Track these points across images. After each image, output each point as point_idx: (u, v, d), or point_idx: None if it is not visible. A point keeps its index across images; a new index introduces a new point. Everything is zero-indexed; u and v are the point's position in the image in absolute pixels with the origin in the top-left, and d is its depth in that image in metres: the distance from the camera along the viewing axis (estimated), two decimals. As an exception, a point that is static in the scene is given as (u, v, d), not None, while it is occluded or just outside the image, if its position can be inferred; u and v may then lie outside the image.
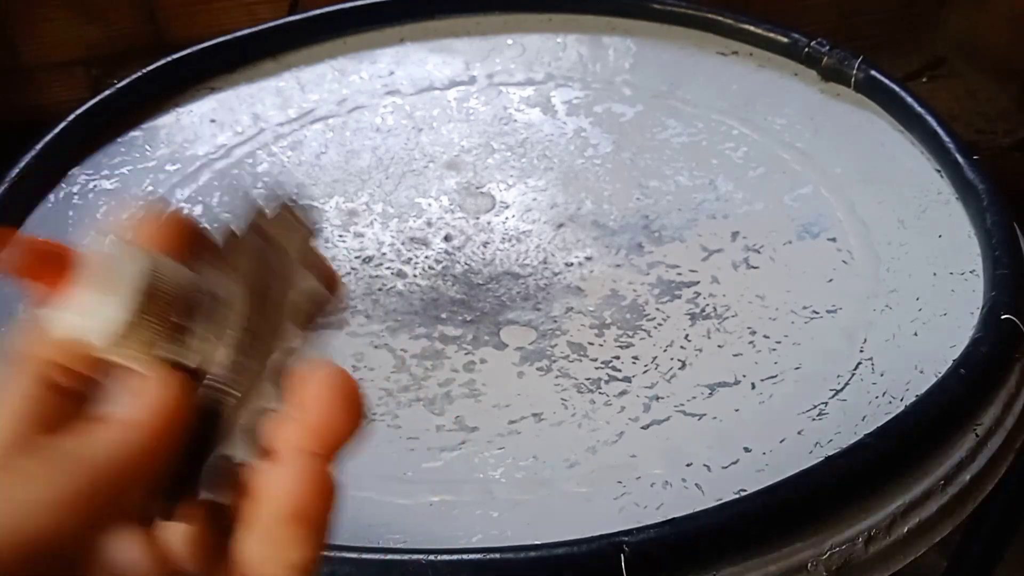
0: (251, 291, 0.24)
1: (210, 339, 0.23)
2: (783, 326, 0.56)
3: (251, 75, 0.78)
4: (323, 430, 0.22)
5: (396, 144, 0.72)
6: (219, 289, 0.24)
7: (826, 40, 0.75)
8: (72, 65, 1.00)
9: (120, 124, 0.73)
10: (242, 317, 0.23)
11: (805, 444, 0.48)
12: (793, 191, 0.66)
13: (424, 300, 0.59)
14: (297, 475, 0.21)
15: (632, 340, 0.55)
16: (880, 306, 0.57)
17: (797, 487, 0.43)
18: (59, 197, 0.66)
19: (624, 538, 0.40)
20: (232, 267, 0.24)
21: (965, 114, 1.14)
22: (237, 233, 0.25)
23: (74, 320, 0.22)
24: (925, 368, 0.52)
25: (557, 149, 0.72)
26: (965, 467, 0.46)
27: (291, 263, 0.25)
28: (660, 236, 0.63)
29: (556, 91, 0.77)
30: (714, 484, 0.46)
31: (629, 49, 0.81)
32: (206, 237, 0.25)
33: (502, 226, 0.65)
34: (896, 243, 0.61)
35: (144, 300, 0.22)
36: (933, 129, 0.65)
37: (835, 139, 0.70)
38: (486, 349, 0.55)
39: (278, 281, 0.24)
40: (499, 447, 0.49)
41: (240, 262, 0.24)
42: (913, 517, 0.44)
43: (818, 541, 0.42)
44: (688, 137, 0.72)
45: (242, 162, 0.70)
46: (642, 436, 0.49)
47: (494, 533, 0.44)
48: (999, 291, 0.52)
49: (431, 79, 0.79)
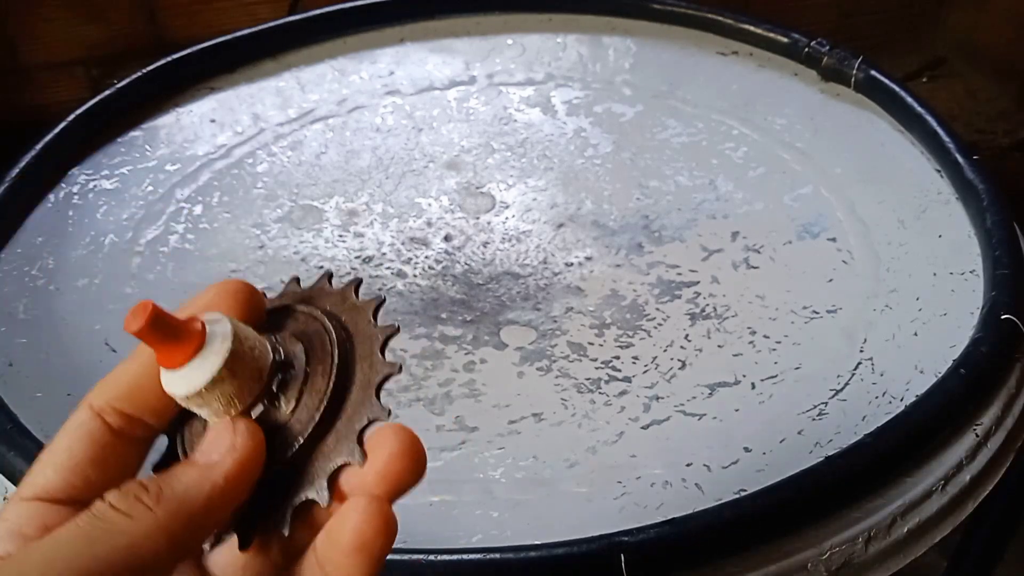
0: (320, 358, 0.27)
1: (285, 398, 0.26)
2: (783, 326, 0.56)
3: (251, 75, 0.78)
4: (389, 478, 0.25)
5: (396, 144, 0.72)
6: (292, 355, 0.27)
7: (826, 40, 0.75)
8: (72, 65, 1.00)
9: (120, 124, 0.73)
10: (318, 381, 0.26)
11: (805, 444, 0.48)
12: (793, 191, 0.66)
13: (424, 300, 0.59)
14: (364, 513, 0.25)
15: (632, 340, 0.55)
16: (880, 306, 0.57)
17: (797, 487, 0.43)
18: (59, 197, 0.66)
19: (624, 538, 0.40)
20: (306, 336, 0.27)
21: (965, 114, 1.14)
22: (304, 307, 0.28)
23: (173, 378, 0.25)
24: (925, 368, 0.52)
25: (557, 149, 0.72)
26: (965, 467, 0.46)
27: (363, 336, 0.27)
28: (660, 236, 0.63)
29: (556, 91, 0.77)
30: (714, 484, 0.46)
31: (629, 49, 0.81)
32: (281, 310, 0.28)
33: (502, 226, 0.65)
34: (896, 243, 0.61)
35: (230, 362, 0.25)
36: (933, 129, 0.65)
37: (835, 139, 0.70)
38: (486, 349, 0.55)
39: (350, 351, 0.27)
40: (499, 447, 0.49)
41: (313, 331, 0.27)
42: (913, 517, 0.44)
43: (818, 541, 0.42)
44: (688, 137, 0.72)
45: (242, 162, 0.71)
46: (642, 436, 0.49)
47: (494, 533, 0.44)
48: (999, 291, 0.52)
49: (431, 79, 0.79)
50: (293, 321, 0.28)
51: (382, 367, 0.26)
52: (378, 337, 0.27)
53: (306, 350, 0.27)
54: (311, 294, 0.29)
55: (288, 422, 0.26)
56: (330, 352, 0.27)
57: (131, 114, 0.73)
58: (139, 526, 0.23)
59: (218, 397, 0.25)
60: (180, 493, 0.24)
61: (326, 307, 0.28)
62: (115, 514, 0.23)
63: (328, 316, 0.28)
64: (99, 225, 0.64)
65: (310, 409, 0.26)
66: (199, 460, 0.25)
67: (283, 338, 0.27)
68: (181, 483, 0.24)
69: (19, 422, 0.47)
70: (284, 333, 0.28)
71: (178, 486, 0.24)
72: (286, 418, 0.26)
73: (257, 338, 0.26)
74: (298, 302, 0.28)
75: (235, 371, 0.25)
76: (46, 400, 0.51)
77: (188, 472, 0.25)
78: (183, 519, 0.24)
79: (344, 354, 0.27)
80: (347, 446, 0.26)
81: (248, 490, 0.25)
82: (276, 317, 0.28)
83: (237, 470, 0.25)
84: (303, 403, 0.26)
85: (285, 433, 0.26)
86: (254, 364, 0.26)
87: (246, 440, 0.25)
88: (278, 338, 0.27)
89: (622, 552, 0.40)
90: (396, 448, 0.25)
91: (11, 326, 0.56)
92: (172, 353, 0.25)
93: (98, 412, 0.26)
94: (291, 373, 0.27)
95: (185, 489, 0.24)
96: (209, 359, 0.25)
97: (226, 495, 0.25)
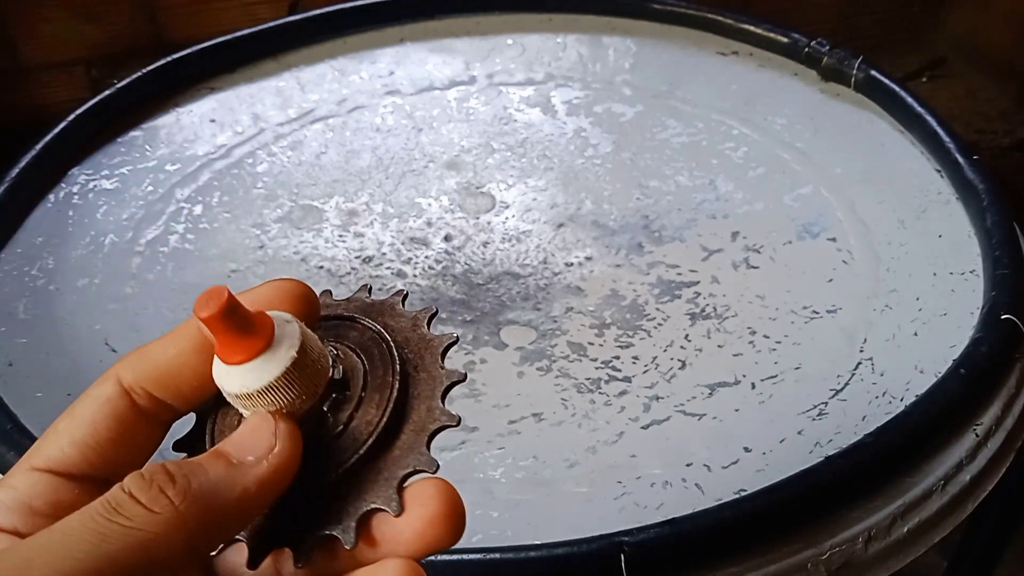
0: (378, 386, 0.25)
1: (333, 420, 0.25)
2: (783, 326, 0.56)
3: (251, 75, 0.78)
4: (427, 541, 0.24)
5: (396, 144, 0.72)
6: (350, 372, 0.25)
7: (826, 40, 0.75)
8: (72, 65, 0.99)
9: (120, 124, 0.73)
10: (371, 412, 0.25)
11: (805, 444, 0.48)
12: (793, 191, 0.66)
13: (424, 300, 0.59)
14: (393, 571, 0.23)
15: (632, 340, 0.55)
16: (880, 306, 0.57)
17: (797, 487, 0.43)
18: (59, 197, 0.66)
19: (624, 538, 0.40)
20: (368, 354, 0.26)
21: (965, 114, 1.14)
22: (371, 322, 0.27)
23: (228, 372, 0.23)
24: (925, 368, 0.52)
25: (557, 149, 0.72)
26: (965, 467, 0.46)
27: (427, 374, 0.26)
28: (660, 236, 0.63)
29: (556, 91, 0.77)
30: (714, 484, 0.46)
31: (629, 49, 0.81)
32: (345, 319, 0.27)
33: (502, 226, 0.65)
34: (896, 243, 0.61)
35: (290, 371, 0.23)
36: (933, 129, 0.65)
37: (835, 139, 0.70)
38: (486, 349, 0.55)
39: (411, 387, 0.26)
40: (499, 447, 0.49)
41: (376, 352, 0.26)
42: (913, 517, 0.44)
43: (818, 541, 0.42)
44: (688, 137, 0.72)
45: (242, 162, 0.71)
46: (642, 436, 0.49)
47: (494, 533, 0.44)
48: (999, 291, 0.52)
49: (431, 79, 0.79)
50: (356, 334, 0.26)
51: (440, 415, 0.25)
52: (443, 381, 0.26)
53: (364, 371, 0.25)
54: (380, 308, 0.27)
55: (330, 446, 0.25)
56: (390, 384, 0.25)
57: (131, 114, 0.73)
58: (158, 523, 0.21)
59: (269, 402, 0.24)
60: (208, 492, 0.22)
61: (393, 328, 0.26)
62: (134, 506, 0.21)
63: (395, 340, 0.26)
64: (99, 225, 0.64)
65: (356, 440, 0.25)
66: (232, 455, 0.23)
67: (343, 352, 0.26)
68: (210, 480, 0.22)
69: (19, 422, 0.47)
70: (344, 346, 0.26)
71: (206, 483, 0.22)
72: (328, 440, 0.25)
73: (322, 351, 0.25)
74: (364, 313, 0.27)
75: (293, 381, 0.23)
76: (46, 400, 0.51)
77: (217, 467, 0.23)
78: (207, 522, 0.22)
79: (404, 389, 0.25)
80: (385, 491, 0.24)
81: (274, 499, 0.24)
82: (338, 325, 0.27)
83: (272, 476, 0.23)
84: (350, 430, 0.25)
85: (324, 456, 0.24)
86: (314, 378, 0.24)
87: (286, 445, 0.23)
88: (340, 352, 0.26)
89: (622, 552, 0.39)
90: (439, 510, 0.24)
91: (11, 326, 0.56)
92: (235, 347, 0.23)
93: (127, 389, 0.24)
94: (345, 395, 0.25)
95: (214, 488, 0.22)
96: (272, 362, 0.23)
97: (256, 502, 0.23)
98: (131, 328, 0.56)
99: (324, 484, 0.24)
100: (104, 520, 0.21)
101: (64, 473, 0.24)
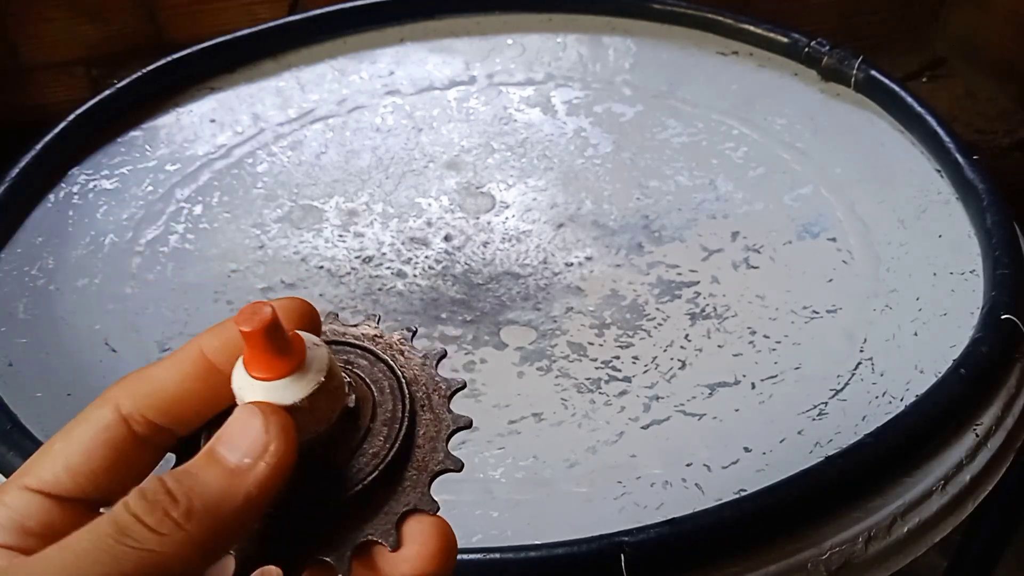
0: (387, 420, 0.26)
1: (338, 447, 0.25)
2: (783, 326, 0.56)
3: (251, 75, 0.78)
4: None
5: (396, 144, 0.72)
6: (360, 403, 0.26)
7: (826, 40, 0.75)
8: (72, 65, 0.99)
9: (120, 124, 0.73)
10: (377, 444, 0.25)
11: (805, 444, 0.48)
12: (793, 191, 0.66)
13: (424, 300, 0.59)
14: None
15: (632, 340, 0.55)
16: (880, 306, 0.57)
17: (797, 487, 0.43)
18: (59, 197, 0.66)
19: (624, 538, 0.40)
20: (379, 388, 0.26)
21: (965, 114, 1.14)
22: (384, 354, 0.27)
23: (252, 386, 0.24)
24: (925, 368, 0.52)
25: (557, 149, 0.72)
26: (965, 467, 0.46)
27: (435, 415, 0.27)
28: (660, 236, 0.63)
29: (556, 91, 0.77)
30: (714, 484, 0.46)
31: (629, 49, 0.81)
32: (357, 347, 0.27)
33: (502, 226, 0.65)
34: (896, 243, 0.61)
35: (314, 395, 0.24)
36: (933, 129, 0.65)
37: (835, 139, 0.70)
38: (486, 349, 0.55)
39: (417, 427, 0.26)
40: (499, 447, 0.49)
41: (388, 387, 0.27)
42: (913, 517, 0.44)
43: (818, 541, 0.42)
44: (688, 137, 0.72)
45: (242, 162, 0.71)
46: (642, 436, 0.49)
47: (494, 533, 0.44)
48: (999, 291, 0.52)
49: (431, 79, 0.79)
50: (367, 364, 0.27)
51: (445, 459, 0.26)
52: (450, 425, 0.26)
53: (373, 402, 0.26)
54: (390, 341, 0.28)
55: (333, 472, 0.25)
56: (400, 420, 0.26)
57: (131, 114, 0.73)
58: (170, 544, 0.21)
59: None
60: (212, 505, 0.22)
61: (403, 364, 0.27)
62: (142, 530, 0.21)
63: (405, 377, 0.27)
64: (99, 225, 0.64)
65: (361, 471, 0.25)
66: (227, 459, 0.23)
67: (355, 381, 0.26)
68: (212, 493, 0.22)
69: (19, 422, 0.47)
70: (355, 374, 0.26)
71: (210, 498, 0.22)
72: (333, 466, 0.25)
73: (342, 379, 0.25)
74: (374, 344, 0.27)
75: (316, 405, 0.24)
76: (46, 400, 0.51)
77: (216, 476, 0.23)
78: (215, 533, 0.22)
79: (411, 426, 0.26)
80: (383, 525, 0.25)
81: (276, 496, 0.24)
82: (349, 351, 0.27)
83: (272, 476, 0.23)
84: (356, 460, 0.25)
85: (326, 481, 0.25)
86: (333, 404, 0.24)
87: (280, 443, 0.23)
88: (352, 381, 0.26)
89: (622, 552, 0.40)
90: (435, 547, 0.25)
91: (11, 326, 0.56)
92: (268, 364, 0.23)
93: (125, 417, 0.24)
94: (356, 424, 0.26)
95: (218, 502, 0.22)
96: (299, 384, 0.23)
97: (259, 503, 0.23)
98: (131, 328, 0.56)
99: (324, 509, 0.25)
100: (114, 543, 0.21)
101: (56, 496, 0.24)
